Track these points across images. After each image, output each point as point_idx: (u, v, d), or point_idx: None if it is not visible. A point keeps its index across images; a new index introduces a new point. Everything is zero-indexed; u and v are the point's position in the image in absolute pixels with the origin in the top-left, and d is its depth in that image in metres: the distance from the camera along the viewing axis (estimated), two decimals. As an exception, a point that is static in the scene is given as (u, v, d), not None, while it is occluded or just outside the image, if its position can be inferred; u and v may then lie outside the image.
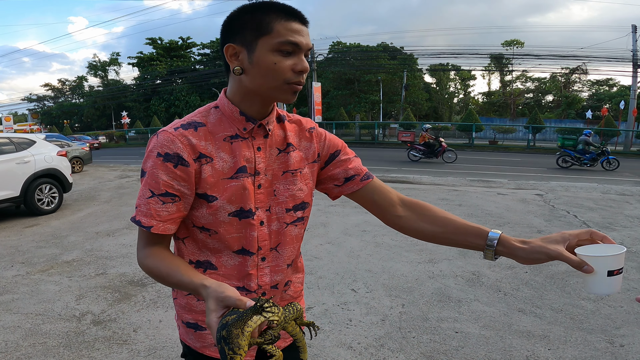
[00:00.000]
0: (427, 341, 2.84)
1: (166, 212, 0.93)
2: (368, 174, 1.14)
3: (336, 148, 1.12)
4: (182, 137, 0.93)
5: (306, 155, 1.08)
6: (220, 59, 6.01)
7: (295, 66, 0.90)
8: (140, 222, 0.93)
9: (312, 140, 1.09)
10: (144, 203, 0.93)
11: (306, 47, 0.92)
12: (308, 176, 1.08)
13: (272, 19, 0.88)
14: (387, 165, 14.88)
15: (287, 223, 1.04)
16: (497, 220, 6.13)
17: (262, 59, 0.89)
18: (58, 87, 58.30)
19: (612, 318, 3.15)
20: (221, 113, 0.99)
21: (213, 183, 0.95)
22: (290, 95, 0.94)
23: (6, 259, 4.74)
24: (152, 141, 0.95)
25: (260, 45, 0.89)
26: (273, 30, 0.88)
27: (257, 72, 0.91)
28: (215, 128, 0.97)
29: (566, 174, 12.73)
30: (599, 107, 36.52)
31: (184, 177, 0.92)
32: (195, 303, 1.05)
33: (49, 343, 2.87)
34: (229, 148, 0.97)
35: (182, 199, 0.94)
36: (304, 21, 0.92)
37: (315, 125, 1.13)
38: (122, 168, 15.07)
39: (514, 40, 45.66)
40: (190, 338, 1.09)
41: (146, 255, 0.95)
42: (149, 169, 0.93)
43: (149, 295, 3.65)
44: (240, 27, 0.91)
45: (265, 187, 1.00)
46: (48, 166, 7.25)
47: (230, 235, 0.98)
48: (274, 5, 0.90)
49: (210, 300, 0.77)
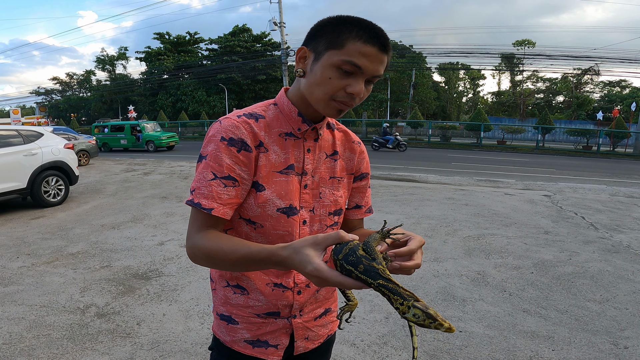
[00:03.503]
0: (431, 340, 2.82)
1: (227, 196, 0.93)
2: (370, 208, 1.21)
3: (366, 171, 1.17)
4: (246, 124, 0.95)
5: (347, 166, 1.12)
6: (227, 55, 5.96)
7: (348, 87, 0.88)
8: (201, 204, 0.91)
9: (355, 153, 1.13)
10: (204, 185, 0.92)
11: (371, 74, 0.88)
12: (346, 185, 1.12)
13: (350, 36, 0.86)
14: (393, 163, 14.82)
15: (327, 226, 1.07)
16: (503, 221, 6.09)
17: (321, 70, 0.89)
18: (66, 81, 58.72)
19: (617, 320, 3.12)
20: (279, 111, 1.01)
21: (265, 174, 0.97)
22: (333, 112, 0.93)
23: (12, 250, 4.77)
24: (214, 127, 0.96)
25: (327, 57, 0.88)
26: (344, 47, 0.86)
27: (311, 80, 0.91)
28: (272, 123, 0.99)
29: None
30: (610, 108, 36.13)
31: (245, 162, 0.94)
32: (231, 296, 1.05)
33: (53, 335, 2.88)
34: (283, 144, 0.99)
35: (241, 184, 0.94)
36: (384, 48, 0.88)
37: (361, 142, 1.17)
38: (128, 162, 15.14)
39: (525, 40, 45.27)
40: (221, 331, 1.09)
41: (203, 237, 0.91)
42: (211, 153, 0.93)
43: (153, 289, 3.66)
44: (319, 35, 0.91)
45: (311, 188, 1.03)
46: (55, 159, 7.30)
47: (275, 231, 0.99)
48: (360, 24, 0.87)
49: (303, 251, 0.75)
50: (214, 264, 0.90)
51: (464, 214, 6.52)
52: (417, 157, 17.61)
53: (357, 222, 1.19)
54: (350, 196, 1.15)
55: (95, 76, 58.57)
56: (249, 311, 1.04)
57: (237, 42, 45.09)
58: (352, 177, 1.14)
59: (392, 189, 8.86)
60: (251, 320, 1.05)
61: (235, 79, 42.93)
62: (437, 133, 28.75)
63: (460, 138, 30.22)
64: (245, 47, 45.19)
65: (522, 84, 50.28)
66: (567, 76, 45.09)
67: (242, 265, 0.86)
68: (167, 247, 4.82)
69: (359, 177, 1.15)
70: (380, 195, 8.00)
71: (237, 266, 0.87)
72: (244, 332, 1.06)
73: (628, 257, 4.54)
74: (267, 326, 1.05)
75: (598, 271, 4.11)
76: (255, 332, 1.05)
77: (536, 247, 4.85)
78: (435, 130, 28.92)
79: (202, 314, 3.20)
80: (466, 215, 6.43)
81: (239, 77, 43.12)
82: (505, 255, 4.58)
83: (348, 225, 1.18)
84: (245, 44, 45.48)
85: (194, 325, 3.04)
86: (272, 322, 1.05)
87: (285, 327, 1.06)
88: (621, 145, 24.56)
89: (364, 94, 0.91)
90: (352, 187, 1.15)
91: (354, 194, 1.16)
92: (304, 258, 0.74)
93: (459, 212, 6.64)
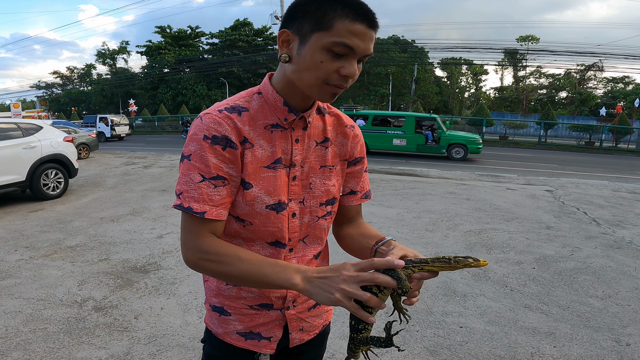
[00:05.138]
0: (431, 335, 2.79)
1: (218, 196, 0.89)
2: (367, 193, 1.16)
3: (361, 155, 1.12)
4: (228, 119, 0.90)
5: (340, 152, 1.07)
6: (228, 49, 5.90)
7: (342, 69, 0.83)
8: (192, 208, 0.87)
9: (348, 138, 1.08)
10: (193, 188, 0.88)
11: (362, 53, 0.83)
12: (339, 173, 1.07)
13: (336, 15, 0.80)
14: (394, 157, 14.76)
15: (319, 217, 1.03)
16: (505, 215, 6.05)
17: (310, 54, 0.83)
18: (67, 75, 58.64)
19: (619, 316, 3.09)
20: (264, 100, 0.96)
21: (252, 170, 0.92)
22: (327, 97, 0.88)
23: (10, 243, 4.75)
24: (195, 125, 0.90)
25: (314, 40, 0.82)
26: (332, 28, 0.80)
27: (300, 65, 0.85)
28: (257, 115, 0.94)
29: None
30: (614, 104, 36.01)
31: (232, 159, 0.90)
32: (224, 287, 1.03)
33: (50, 329, 2.86)
34: (269, 137, 0.94)
35: (230, 182, 0.91)
36: (373, 24, 0.83)
37: (354, 125, 1.11)
38: (128, 155, 15.10)
39: (529, 35, 45.03)
40: (213, 323, 1.07)
41: (209, 243, 0.89)
42: (195, 152, 0.88)
43: (151, 282, 3.63)
44: (301, 15, 0.84)
45: (300, 179, 0.99)
46: (54, 151, 7.26)
47: (265, 228, 0.96)
48: (344, 1, 0.81)
49: (345, 269, 0.81)
50: (223, 270, 0.87)
51: (465, 208, 6.47)
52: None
53: (354, 209, 1.13)
54: (345, 182, 1.10)
55: (95, 70, 58.50)
56: (241, 302, 1.02)
57: (238, 36, 44.90)
58: (346, 163, 1.09)
59: (393, 183, 8.82)
60: (244, 311, 1.02)
61: (236, 72, 42.80)
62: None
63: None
64: (246, 41, 45.03)
65: (525, 80, 50.08)
66: (571, 72, 44.87)
67: (259, 272, 0.87)
68: (166, 240, 4.79)
69: (353, 162, 1.10)
70: (382, 189, 7.96)
71: (252, 272, 0.87)
72: (236, 324, 1.03)
73: (630, 253, 4.50)
74: (259, 318, 1.02)
75: (600, 267, 4.08)
76: (247, 324, 1.03)
77: (538, 243, 4.82)
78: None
79: (200, 308, 3.17)
80: (467, 209, 6.39)
81: (240, 71, 42.99)
82: (507, 250, 4.55)
83: (345, 213, 1.13)
84: (246, 37, 45.30)
85: (192, 319, 3.01)
86: (265, 314, 1.02)
87: (279, 318, 1.03)
88: (624, 141, 24.47)
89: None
90: (346, 173, 1.10)
91: (349, 179, 1.10)
92: (344, 274, 0.80)
93: (460, 206, 6.60)
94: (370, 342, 0.88)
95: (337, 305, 0.79)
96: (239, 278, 0.87)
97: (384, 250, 0.96)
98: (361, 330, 0.87)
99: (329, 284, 0.80)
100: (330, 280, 0.80)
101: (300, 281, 0.82)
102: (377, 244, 1.00)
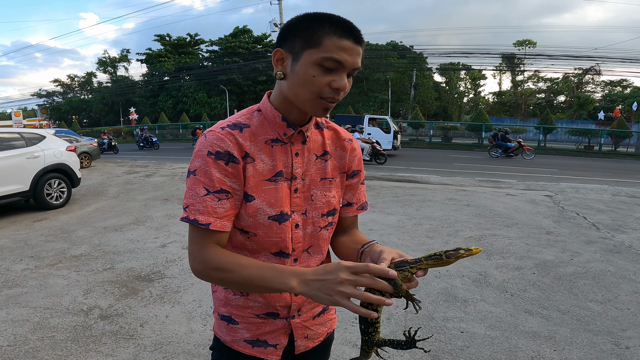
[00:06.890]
0: (432, 340, 2.83)
1: (222, 209, 0.95)
2: (364, 204, 1.20)
3: (358, 168, 1.17)
4: (230, 135, 0.96)
5: (339, 165, 1.12)
6: (228, 56, 5.99)
7: (333, 82, 0.90)
8: (197, 220, 0.93)
9: (347, 151, 1.13)
10: (198, 201, 0.93)
11: (351, 67, 0.90)
12: (339, 184, 1.12)
13: (324, 32, 0.87)
14: (394, 164, 14.83)
15: (321, 227, 1.08)
16: (505, 221, 6.09)
17: (303, 70, 0.89)
18: (67, 83, 58.86)
19: (618, 320, 3.13)
20: (263, 117, 1.02)
21: (254, 184, 0.98)
22: (320, 111, 0.94)
23: (15, 252, 4.79)
24: (200, 142, 0.96)
25: (305, 57, 0.89)
26: (321, 45, 0.87)
27: (294, 81, 0.92)
28: (257, 130, 1.00)
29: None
30: (612, 108, 36.09)
31: (234, 173, 0.95)
32: (232, 297, 1.07)
33: (57, 337, 2.90)
34: (270, 151, 1.00)
35: (233, 195, 0.96)
36: (359, 40, 0.90)
37: (353, 138, 1.17)
38: (130, 164, 15.16)
39: (526, 40, 45.23)
40: (221, 331, 1.12)
41: (212, 253, 0.94)
42: (200, 168, 0.94)
43: (155, 291, 3.68)
44: (293, 34, 0.91)
45: (302, 191, 1.04)
46: (57, 161, 7.32)
47: (269, 239, 1.01)
48: (331, 20, 0.89)
49: (341, 271, 0.83)
50: (228, 277, 0.92)
51: (466, 214, 6.52)
52: (418, 158, 17.63)
53: (350, 219, 1.18)
54: (342, 193, 1.15)
55: (96, 78, 58.76)
56: (248, 312, 1.06)
57: (237, 43, 45.07)
58: (345, 176, 1.14)
59: (393, 189, 8.87)
60: (251, 320, 1.07)
61: (236, 80, 42.94)
62: (439, 133, 28.76)
63: (462, 138, 30.15)
64: (246, 48, 45.19)
65: (524, 84, 50.25)
66: (569, 76, 45.04)
67: (265, 276, 0.90)
68: (169, 249, 4.83)
69: (350, 175, 1.15)
70: (382, 196, 8.01)
71: (258, 278, 0.91)
72: (243, 332, 1.08)
73: (630, 257, 4.54)
74: (266, 326, 1.07)
75: (600, 271, 4.12)
76: (254, 332, 1.07)
77: (538, 248, 4.86)
78: (437, 130, 28.92)
79: (204, 316, 3.21)
80: (468, 215, 6.43)
81: (240, 79, 43.12)
82: (507, 255, 4.59)
83: (341, 223, 1.18)
84: (246, 45, 45.47)
85: (197, 326, 3.05)
86: (271, 322, 1.07)
87: (284, 327, 1.08)
88: (623, 145, 24.51)
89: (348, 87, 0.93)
90: (344, 185, 1.15)
91: (346, 192, 1.15)
92: (340, 276, 0.82)
93: (460, 212, 6.65)
94: (389, 344, 0.93)
95: (336, 305, 0.83)
96: (242, 284, 0.92)
97: (367, 253, 1.00)
98: (371, 333, 0.92)
99: (326, 286, 0.83)
100: (328, 282, 0.83)
101: (297, 284, 0.86)
102: (362, 246, 1.05)
